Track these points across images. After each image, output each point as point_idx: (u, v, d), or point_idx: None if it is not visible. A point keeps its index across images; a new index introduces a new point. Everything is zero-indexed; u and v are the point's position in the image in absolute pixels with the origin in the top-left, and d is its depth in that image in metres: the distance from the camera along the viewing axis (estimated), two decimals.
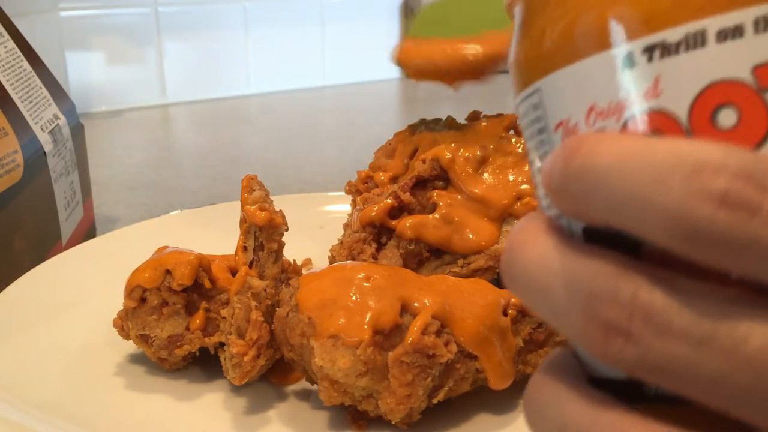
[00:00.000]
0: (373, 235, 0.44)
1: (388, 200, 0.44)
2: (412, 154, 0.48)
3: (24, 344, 0.41)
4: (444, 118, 0.51)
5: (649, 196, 0.15)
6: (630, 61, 0.16)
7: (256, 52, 1.33)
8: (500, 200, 0.43)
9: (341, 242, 0.45)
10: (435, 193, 0.44)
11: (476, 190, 0.44)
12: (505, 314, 0.36)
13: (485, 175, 0.44)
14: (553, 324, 0.18)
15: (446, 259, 0.43)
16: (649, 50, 0.16)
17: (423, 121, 0.50)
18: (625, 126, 0.17)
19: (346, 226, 0.47)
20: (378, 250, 0.43)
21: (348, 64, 1.44)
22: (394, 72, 1.51)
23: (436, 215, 0.43)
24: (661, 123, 0.16)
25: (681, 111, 0.16)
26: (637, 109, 0.16)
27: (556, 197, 0.17)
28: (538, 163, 0.19)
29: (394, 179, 0.47)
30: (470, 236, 0.43)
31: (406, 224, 0.43)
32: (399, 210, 0.44)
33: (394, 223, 0.43)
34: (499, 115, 0.48)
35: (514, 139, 0.46)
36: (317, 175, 0.86)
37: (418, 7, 1.44)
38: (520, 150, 0.45)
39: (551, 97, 0.18)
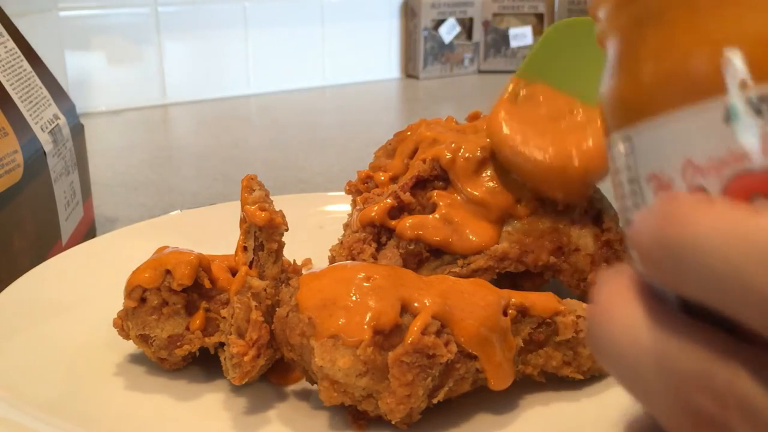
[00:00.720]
0: (373, 235, 0.44)
1: (388, 200, 0.44)
2: (412, 154, 0.48)
3: (24, 344, 0.41)
4: (444, 118, 0.51)
5: (751, 281, 0.13)
6: (735, 113, 0.15)
7: (256, 52, 1.33)
8: (500, 202, 0.43)
9: (341, 242, 0.45)
10: (435, 193, 0.44)
11: (476, 192, 0.43)
12: (505, 314, 0.36)
13: (486, 175, 0.44)
14: (641, 402, 0.16)
15: (446, 259, 0.43)
16: (757, 103, 0.15)
17: (423, 121, 0.50)
18: (726, 187, 0.15)
19: (346, 226, 0.47)
20: (378, 250, 0.43)
21: (348, 64, 1.44)
22: (394, 72, 1.52)
23: (436, 215, 0.43)
24: None
25: None
26: (741, 167, 0.15)
27: (647, 264, 0.16)
28: (628, 215, 0.18)
29: (394, 179, 0.47)
30: (470, 237, 0.43)
31: (406, 224, 0.43)
32: (399, 210, 0.44)
33: (393, 223, 0.43)
34: None
35: None
36: (317, 175, 0.86)
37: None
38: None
39: (644, 146, 0.17)
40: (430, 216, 0.43)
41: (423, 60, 1.47)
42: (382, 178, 0.47)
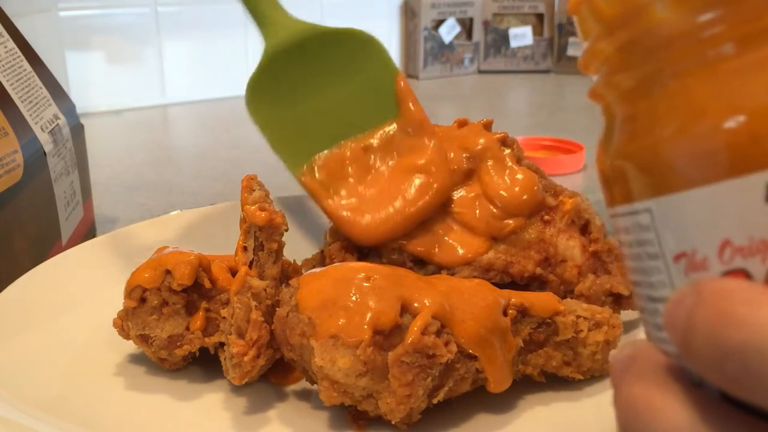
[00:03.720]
0: (354, 244, 0.43)
1: None
2: None
3: (24, 344, 0.41)
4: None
5: None
6: None
7: (256, 52, 1.33)
8: (486, 223, 0.42)
9: (321, 251, 0.45)
10: None
11: (460, 209, 0.43)
12: (505, 314, 0.36)
13: (471, 187, 0.43)
14: None
15: (430, 269, 0.42)
16: None
17: None
18: None
19: (326, 234, 0.46)
20: (359, 260, 0.43)
21: None
22: None
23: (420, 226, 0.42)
24: None
25: None
26: None
27: (694, 362, 0.14)
28: (651, 292, 0.16)
29: None
30: (455, 248, 0.42)
31: None
32: None
33: None
34: (486, 123, 0.46)
35: (495, 149, 0.44)
36: None
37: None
38: (508, 163, 0.44)
39: (668, 222, 0.15)
40: None
41: (423, 60, 1.47)
42: None
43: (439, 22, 1.47)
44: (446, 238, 0.42)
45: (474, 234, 0.42)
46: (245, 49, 1.32)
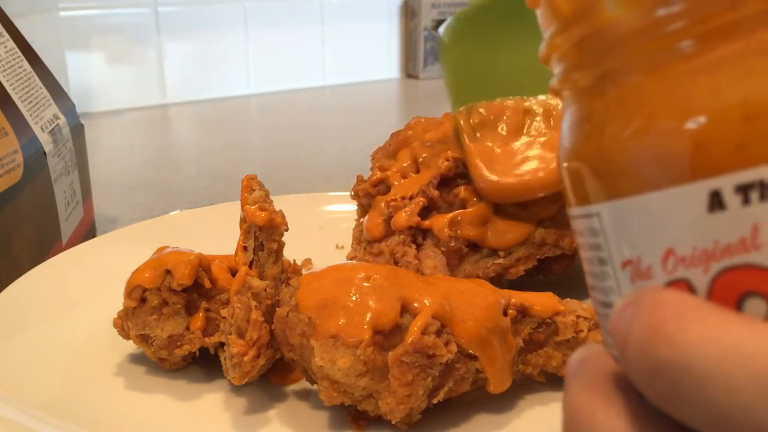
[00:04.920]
0: (411, 236, 0.44)
1: (420, 198, 0.44)
2: (419, 155, 0.48)
3: (24, 344, 0.41)
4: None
5: (760, 419, 0.12)
6: (719, 200, 0.13)
7: (256, 52, 1.33)
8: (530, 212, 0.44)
9: (366, 248, 0.45)
10: (462, 189, 0.45)
11: None
12: (505, 314, 0.36)
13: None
14: None
15: (485, 252, 0.44)
16: (744, 190, 0.13)
17: (420, 121, 0.50)
18: (714, 282, 0.13)
19: (357, 233, 0.47)
20: (417, 250, 0.44)
21: (348, 64, 1.44)
22: (394, 72, 1.52)
23: (470, 211, 0.44)
24: (764, 286, 0.13)
25: None
26: (730, 262, 0.13)
27: (632, 375, 0.14)
28: (601, 297, 0.16)
29: (405, 179, 0.47)
30: (506, 232, 0.44)
31: (443, 223, 0.43)
32: (426, 210, 0.45)
33: (427, 223, 0.44)
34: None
35: (536, 123, 0.45)
36: (317, 175, 0.86)
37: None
38: (544, 138, 0.44)
39: (615, 227, 0.15)
40: (465, 211, 0.44)
41: (423, 60, 1.47)
42: (400, 180, 0.47)
43: (439, 22, 1.47)
44: (496, 222, 0.44)
45: (521, 218, 0.44)
46: (245, 49, 1.32)
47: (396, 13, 1.49)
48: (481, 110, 0.46)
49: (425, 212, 0.45)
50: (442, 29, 0.48)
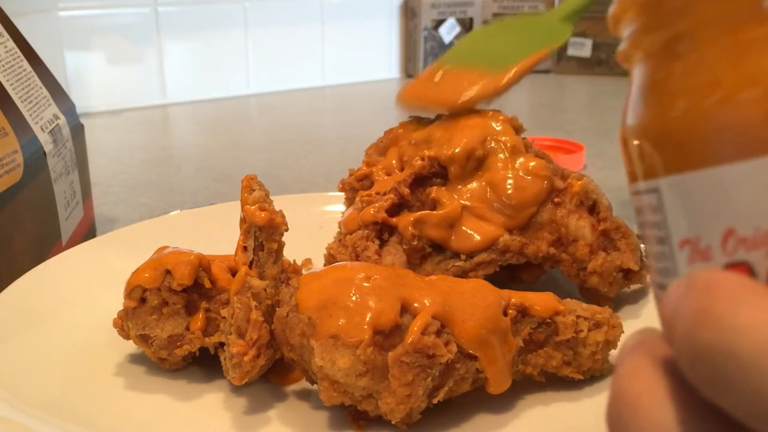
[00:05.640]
0: (375, 232, 0.44)
1: (390, 195, 0.44)
2: (404, 153, 0.48)
3: (24, 344, 0.41)
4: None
5: None
6: None
7: (256, 52, 1.33)
8: (499, 217, 0.44)
9: (340, 240, 0.45)
10: (434, 189, 0.45)
11: (475, 192, 0.44)
12: (505, 314, 0.36)
13: (484, 174, 0.44)
14: None
15: (449, 253, 0.44)
16: None
17: (412, 120, 0.51)
18: None
19: (341, 224, 0.47)
20: (381, 246, 0.44)
21: (348, 64, 1.44)
22: (394, 72, 1.52)
23: (438, 212, 0.43)
24: None
25: None
26: None
27: (679, 360, 0.14)
28: (659, 278, 0.16)
29: (389, 176, 0.48)
30: (471, 235, 0.43)
31: (408, 222, 0.43)
32: (398, 207, 0.45)
33: (395, 220, 0.44)
34: (494, 111, 0.48)
35: (508, 136, 0.46)
36: (317, 175, 0.86)
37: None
38: (517, 145, 0.45)
39: (676, 204, 0.14)
40: (432, 212, 0.44)
41: (423, 60, 1.47)
42: (383, 177, 0.48)
43: (439, 22, 1.47)
44: (462, 227, 0.44)
45: (489, 222, 0.44)
46: (245, 49, 1.32)
47: (396, 13, 1.49)
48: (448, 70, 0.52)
49: (397, 209, 0.45)
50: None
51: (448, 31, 1.48)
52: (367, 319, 0.33)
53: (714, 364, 0.12)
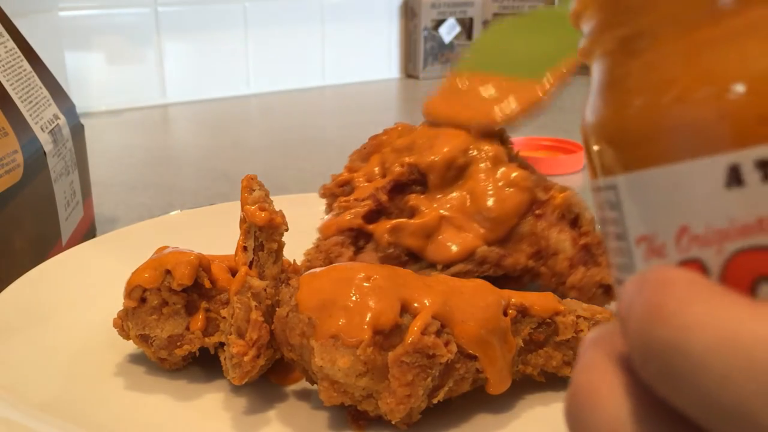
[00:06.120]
0: (351, 238, 0.44)
1: (368, 202, 0.44)
2: (386, 159, 0.48)
3: (24, 344, 0.41)
4: None
5: (753, 411, 0.11)
6: (737, 176, 0.12)
7: (256, 52, 1.33)
8: (477, 229, 0.43)
9: (317, 246, 0.45)
10: (412, 197, 0.44)
11: (454, 203, 0.43)
12: (505, 314, 0.36)
13: (464, 183, 0.44)
14: None
15: (425, 263, 0.43)
16: (765, 166, 0.12)
17: (398, 126, 0.50)
18: (727, 265, 0.13)
19: (319, 230, 0.47)
20: (356, 253, 0.43)
21: (348, 64, 1.44)
22: (394, 72, 1.51)
23: (415, 221, 0.43)
24: None
25: None
26: (746, 243, 0.12)
27: (633, 356, 0.14)
28: (617, 274, 0.16)
29: (369, 182, 0.47)
30: (448, 245, 0.43)
31: (384, 229, 0.43)
32: (377, 213, 0.44)
33: (371, 227, 0.43)
34: None
35: (491, 146, 0.45)
36: (317, 175, 0.86)
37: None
38: (499, 155, 0.44)
39: (633, 201, 0.14)
40: (410, 221, 0.43)
41: (423, 60, 1.47)
42: (364, 183, 0.47)
43: (439, 22, 1.47)
44: (440, 237, 0.43)
45: (467, 233, 0.43)
46: (245, 49, 1.32)
47: (396, 13, 1.49)
48: (471, 78, 0.49)
49: (375, 216, 0.44)
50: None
51: (448, 31, 1.48)
52: (367, 319, 0.33)
53: (665, 361, 0.12)
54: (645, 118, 0.14)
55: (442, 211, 0.43)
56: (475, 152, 0.44)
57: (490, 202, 0.43)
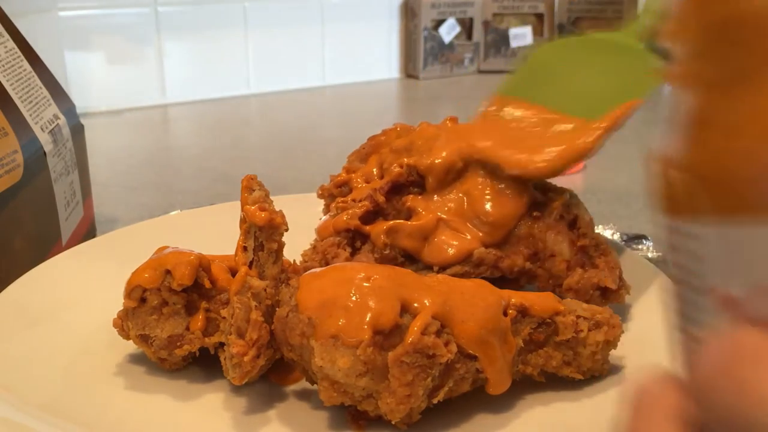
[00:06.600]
0: (348, 239, 0.43)
1: (365, 203, 0.44)
2: (385, 160, 0.47)
3: (24, 344, 0.41)
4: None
5: None
6: None
7: (256, 52, 1.33)
8: (475, 233, 0.43)
9: (314, 247, 0.45)
10: (410, 198, 0.44)
11: (452, 204, 0.43)
12: (505, 314, 0.36)
13: (463, 185, 0.44)
14: None
15: (421, 264, 0.43)
16: None
17: (396, 127, 0.50)
18: None
19: (316, 231, 0.47)
20: (352, 254, 0.43)
21: (348, 64, 1.44)
22: (394, 72, 1.51)
23: (412, 222, 0.43)
24: None
25: None
26: None
27: (699, 412, 0.13)
28: (681, 322, 0.15)
29: (367, 183, 0.47)
30: (444, 247, 0.42)
31: (381, 230, 0.43)
32: (374, 214, 0.44)
33: (368, 228, 0.43)
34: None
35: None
36: (317, 175, 0.86)
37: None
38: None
39: (714, 250, 0.13)
40: (407, 223, 0.43)
41: (423, 60, 1.47)
42: (362, 184, 0.47)
43: (439, 22, 1.47)
44: (437, 237, 0.43)
45: (464, 235, 0.43)
46: (245, 49, 1.32)
47: (396, 13, 1.49)
48: (513, 104, 0.47)
49: (372, 217, 0.44)
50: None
51: (448, 31, 1.48)
52: (367, 319, 0.33)
53: (732, 427, 0.12)
54: (749, 166, 0.12)
55: (439, 214, 0.43)
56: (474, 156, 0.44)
57: (487, 207, 0.43)
